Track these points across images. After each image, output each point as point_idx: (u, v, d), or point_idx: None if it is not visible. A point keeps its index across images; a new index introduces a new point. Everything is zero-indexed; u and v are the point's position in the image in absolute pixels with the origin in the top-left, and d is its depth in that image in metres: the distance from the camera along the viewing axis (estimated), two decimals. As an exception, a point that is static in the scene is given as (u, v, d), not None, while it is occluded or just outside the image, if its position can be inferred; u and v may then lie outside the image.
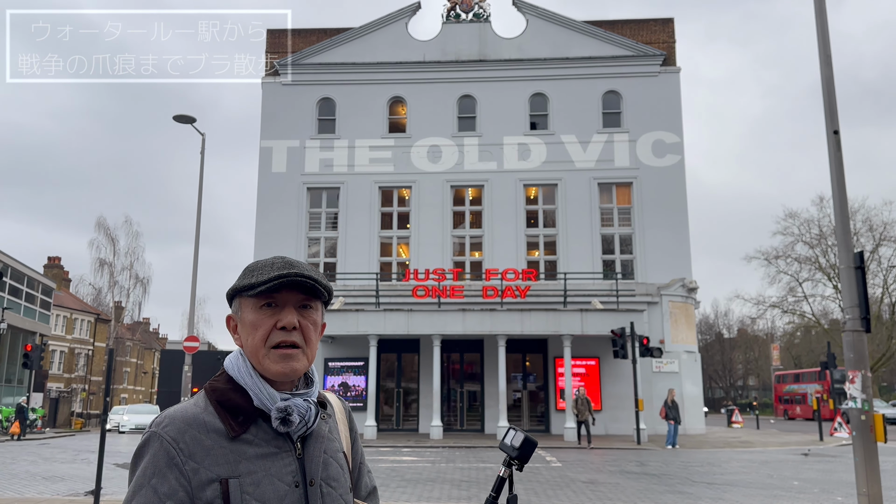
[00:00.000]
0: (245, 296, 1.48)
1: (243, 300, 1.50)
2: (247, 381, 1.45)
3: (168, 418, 1.41)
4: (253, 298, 1.47)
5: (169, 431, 1.38)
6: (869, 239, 41.94)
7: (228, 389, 1.46)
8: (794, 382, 53.96)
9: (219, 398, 1.45)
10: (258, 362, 1.46)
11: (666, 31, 31.48)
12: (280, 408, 1.42)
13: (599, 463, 16.97)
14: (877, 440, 8.35)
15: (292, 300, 1.47)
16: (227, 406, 1.43)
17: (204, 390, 1.49)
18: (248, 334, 1.47)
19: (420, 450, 20.56)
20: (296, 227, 30.03)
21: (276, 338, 1.45)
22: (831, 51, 9.35)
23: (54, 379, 52.59)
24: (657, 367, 26.99)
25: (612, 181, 30.03)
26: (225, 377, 1.49)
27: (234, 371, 1.48)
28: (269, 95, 31.46)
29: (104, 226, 49.64)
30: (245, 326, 1.49)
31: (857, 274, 8.60)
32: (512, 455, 1.66)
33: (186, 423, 1.39)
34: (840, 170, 9.01)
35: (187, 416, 1.41)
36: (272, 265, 1.48)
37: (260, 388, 1.44)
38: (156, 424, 1.41)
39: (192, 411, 1.42)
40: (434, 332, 24.88)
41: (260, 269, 1.48)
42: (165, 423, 1.40)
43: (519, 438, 1.66)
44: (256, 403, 1.44)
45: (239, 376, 1.46)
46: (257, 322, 1.46)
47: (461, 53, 31.30)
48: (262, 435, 1.42)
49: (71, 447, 23.29)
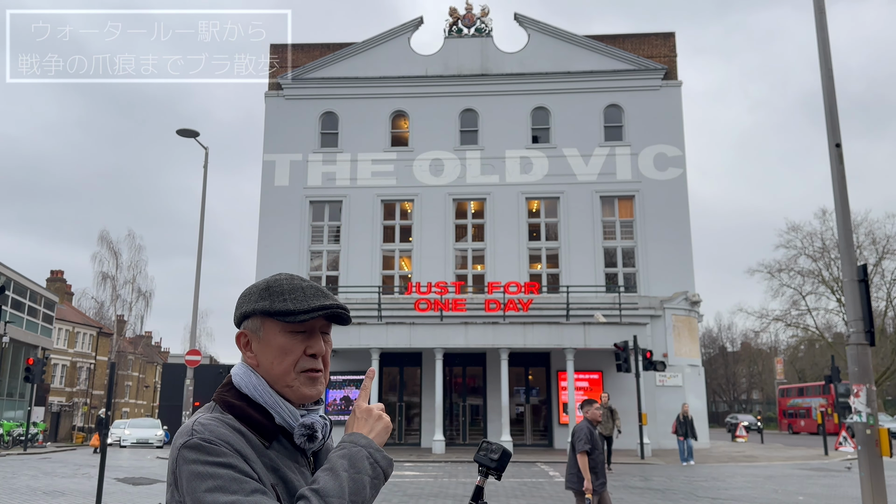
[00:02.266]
0: (276, 319, 1.46)
1: (268, 321, 1.47)
2: (267, 399, 1.44)
3: (206, 426, 1.35)
4: (283, 322, 1.45)
5: (219, 434, 1.33)
6: (872, 252, 41.85)
7: (245, 406, 1.44)
8: (799, 396, 53.66)
9: (239, 414, 1.42)
10: (284, 384, 1.45)
11: (667, 45, 31.63)
12: (306, 424, 1.44)
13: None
14: (882, 454, 8.29)
15: (318, 326, 1.49)
16: (249, 422, 1.41)
17: (218, 405, 1.45)
18: (275, 357, 1.46)
19: (422, 464, 20.44)
20: (298, 241, 30.07)
21: (306, 364, 1.47)
22: (832, 64, 9.38)
23: (56, 393, 52.50)
24: (660, 380, 26.87)
25: (614, 194, 30.06)
26: (236, 394, 1.46)
27: (251, 389, 1.45)
28: (272, 109, 31.61)
29: (107, 239, 49.75)
30: (270, 349, 1.46)
31: (861, 287, 8.58)
32: (490, 466, 1.73)
33: (229, 430, 1.36)
34: (842, 183, 9.01)
35: (226, 422, 1.38)
36: (303, 290, 1.47)
37: (281, 406, 1.44)
38: (198, 432, 1.34)
39: (223, 420, 1.38)
40: (436, 346, 24.83)
41: (293, 294, 1.46)
42: (211, 428, 1.34)
43: (498, 450, 1.74)
44: (278, 420, 1.44)
45: (257, 394, 1.44)
46: (288, 348, 1.45)
47: (463, 68, 31.46)
48: (282, 451, 1.44)
49: (72, 461, 23.20)
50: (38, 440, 34.08)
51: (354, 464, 1.39)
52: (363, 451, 1.42)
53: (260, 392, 1.44)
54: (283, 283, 1.48)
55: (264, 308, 1.46)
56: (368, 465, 1.41)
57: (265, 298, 1.47)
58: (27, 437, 29.78)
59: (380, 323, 25.68)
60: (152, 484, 15.59)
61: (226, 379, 1.53)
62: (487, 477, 1.73)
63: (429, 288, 26.94)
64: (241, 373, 1.49)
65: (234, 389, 1.47)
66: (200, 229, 22.55)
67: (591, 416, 7.65)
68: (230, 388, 1.48)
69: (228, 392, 1.47)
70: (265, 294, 1.47)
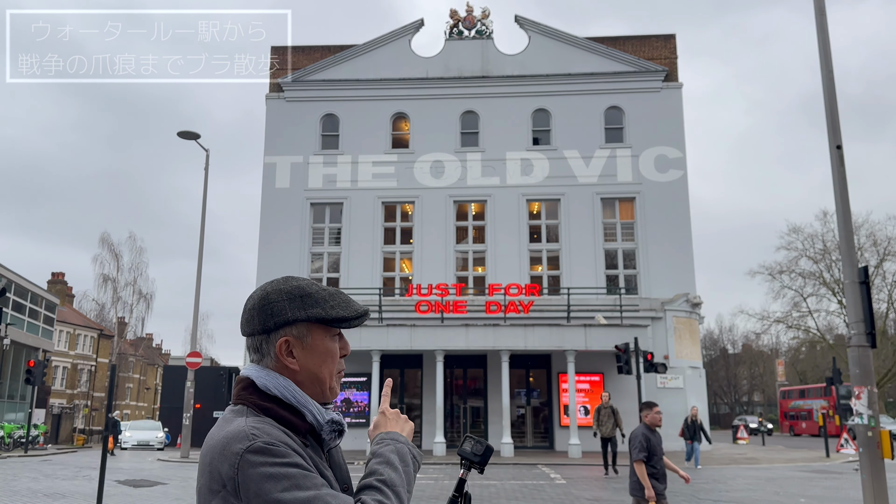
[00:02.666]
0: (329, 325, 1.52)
1: (316, 328, 1.51)
2: (300, 399, 1.47)
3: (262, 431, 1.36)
4: (327, 328, 1.52)
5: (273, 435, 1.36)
6: (873, 254, 41.83)
7: (276, 407, 1.45)
8: (800, 398, 53.61)
9: (274, 416, 1.44)
10: (328, 387, 1.53)
11: (668, 47, 31.65)
12: (336, 420, 1.50)
13: (604, 480, 16.83)
14: (884, 457, 8.28)
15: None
16: (287, 424, 1.44)
17: (249, 407, 1.45)
18: (321, 361, 1.52)
19: (423, 466, 20.41)
20: (299, 243, 30.08)
21: (340, 366, 1.56)
22: (833, 66, 9.38)
23: (57, 395, 52.51)
24: (662, 382, 26.85)
25: (614, 196, 30.06)
26: (263, 395, 1.47)
27: (280, 390, 1.47)
28: (273, 111, 31.64)
29: (108, 241, 49.82)
30: (316, 354, 1.51)
31: (862, 289, 8.57)
32: (474, 460, 1.75)
33: (279, 431, 1.39)
34: (843, 185, 9.01)
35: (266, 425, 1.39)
36: (340, 295, 1.55)
37: (313, 404, 1.49)
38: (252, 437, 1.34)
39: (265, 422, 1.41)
40: (437, 348, 24.82)
41: (333, 299, 1.53)
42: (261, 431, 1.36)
43: (480, 445, 1.76)
44: (309, 419, 1.47)
45: (288, 395, 1.47)
46: (334, 352, 1.54)
47: (464, 70, 31.49)
48: (313, 449, 1.47)
49: (73, 464, 23.19)
50: (39, 442, 34.08)
51: (404, 458, 1.52)
52: (406, 447, 1.55)
53: (291, 392, 1.47)
54: (318, 290, 1.54)
55: (318, 315, 1.50)
56: (411, 459, 1.54)
57: (313, 305, 1.50)
58: (28, 439, 29.78)
59: (381, 325, 25.68)
60: (153, 486, 15.58)
61: (240, 382, 1.52)
62: (470, 470, 1.76)
63: (429, 290, 26.93)
64: (266, 375, 1.49)
65: (258, 392, 1.47)
66: (201, 232, 22.56)
67: (651, 420, 7.32)
68: (254, 391, 1.48)
69: (254, 395, 1.47)
70: (310, 301, 1.51)
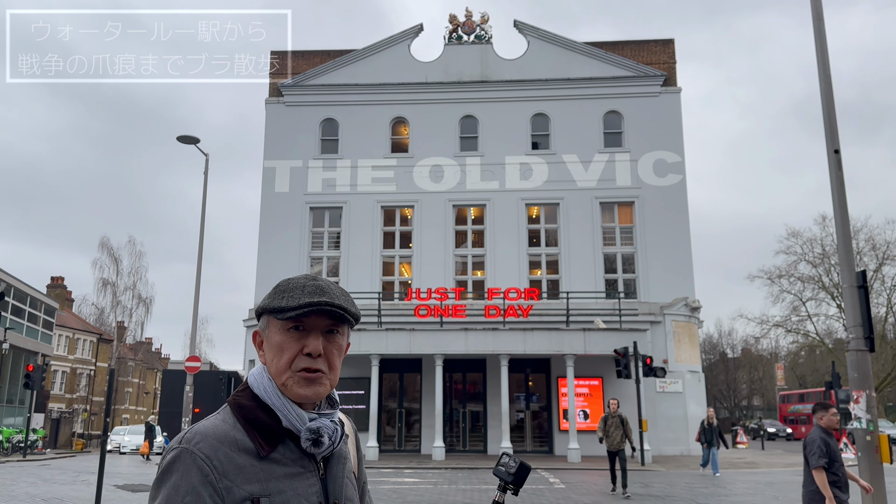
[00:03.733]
0: (274, 316, 1.48)
1: (272, 319, 1.50)
2: (275, 401, 1.44)
3: (199, 434, 1.38)
4: (282, 321, 1.48)
5: (202, 448, 1.35)
6: (872, 258, 41.83)
7: (255, 407, 1.45)
8: (799, 402, 53.56)
9: (246, 416, 1.44)
10: (282, 384, 1.46)
11: (666, 51, 31.72)
12: (312, 428, 1.43)
13: (603, 484, 16.81)
14: (882, 461, 8.28)
15: (320, 325, 1.48)
16: (256, 425, 1.43)
17: (229, 406, 1.48)
18: (274, 356, 1.48)
19: (422, 471, 20.41)
20: (298, 247, 30.10)
21: (301, 363, 1.46)
22: (830, 71, 9.40)
23: (56, 399, 52.44)
24: (661, 387, 26.84)
25: (613, 200, 30.09)
26: (249, 394, 1.48)
27: (261, 390, 1.47)
28: (272, 116, 31.68)
29: (108, 245, 49.78)
30: (271, 347, 1.49)
31: (860, 293, 8.58)
32: (507, 480, 1.69)
33: (219, 441, 1.37)
34: (841, 189, 9.03)
35: (218, 432, 1.39)
36: (303, 288, 1.48)
37: (289, 408, 1.44)
38: (185, 441, 1.37)
39: (221, 428, 1.40)
40: (436, 352, 24.80)
41: (291, 291, 1.48)
42: (197, 440, 1.37)
43: (513, 464, 1.70)
44: (285, 424, 1.43)
45: (266, 396, 1.46)
46: (284, 345, 1.47)
47: (463, 74, 31.54)
48: (289, 454, 1.43)
49: (71, 468, 23.15)
50: (38, 447, 34.00)
51: None
52: None
53: (269, 393, 1.45)
54: (290, 283, 1.51)
55: (264, 306, 1.50)
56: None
57: (270, 297, 1.50)
58: (27, 443, 29.73)
59: (380, 329, 25.67)
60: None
61: (244, 381, 1.54)
62: (506, 492, 1.71)
63: (429, 294, 26.93)
64: (257, 374, 1.51)
65: (248, 390, 1.49)
66: (201, 236, 22.54)
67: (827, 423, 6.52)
68: (245, 389, 1.50)
69: (242, 393, 1.49)
70: (272, 293, 1.51)
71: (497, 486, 1.74)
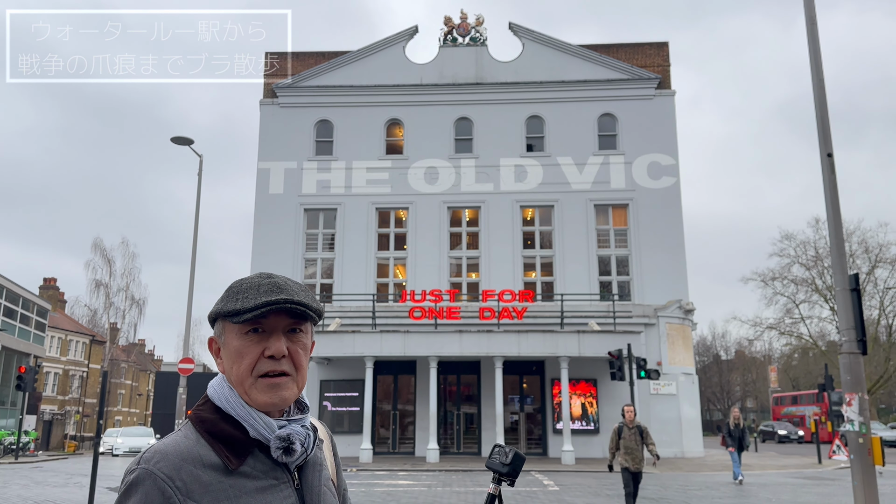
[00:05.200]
0: (229, 320, 1.37)
1: (227, 324, 1.39)
2: (239, 412, 1.35)
3: (159, 454, 1.28)
4: (238, 324, 1.36)
5: (163, 468, 1.25)
6: (865, 261, 41.99)
7: (218, 419, 1.35)
8: (792, 404, 53.76)
9: (210, 430, 1.34)
10: (244, 392, 1.36)
11: (661, 54, 31.81)
12: (282, 436, 1.34)
13: (597, 486, 16.82)
14: (875, 463, 8.30)
15: (281, 325, 1.37)
16: (221, 438, 1.33)
17: (190, 421, 1.37)
18: (233, 362, 1.37)
19: (416, 473, 20.38)
20: (292, 249, 30.04)
21: (263, 367, 1.35)
22: (824, 75, 9.44)
23: (48, 401, 52.16)
24: (655, 389, 26.88)
25: (608, 203, 30.14)
26: (211, 406, 1.38)
27: (222, 401, 1.37)
28: (267, 117, 31.62)
29: (100, 247, 49.60)
30: (229, 353, 1.38)
31: (853, 296, 8.61)
32: (502, 471, 1.65)
33: (181, 459, 1.27)
34: (834, 192, 9.06)
35: (180, 449, 1.29)
36: (258, 287, 1.37)
37: (255, 417, 1.34)
38: (145, 461, 1.27)
39: (184, 444, 1.30)
40: (431, 354, 24.78)
41: (245, 292, 1.36)
42: (157, 459, 1.27)
43: (510, 454, 1.67)
44: (253, 434, 1.34)
45: (229, 407, 1.36)
46: (243, 350, 1.36)
47: (458, 76, 31.56)
48: (259, 466, 1.33)
49: (64, 470, 23.03)
50: (30, 449, 33.82)
51: None
52: None
53: (232, 404, 1.35)
54: (243, 283, 1.40)
55: (219, 310, 1.39)
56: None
57: (223, 300, 1.40)
58: (18, 445, 29.55)
59: (374, 331, 25.64)
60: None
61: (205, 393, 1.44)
62: (500, 484, 1.68)
63: (423, 296, 26.93)
64: (216, 384, 1.40)
65: (209, 402, 1.39)
66: (195, 237, 22.47)
67: None
68: (206, 402, 1.40)
69: (203, 406, 1.39)
70: (224, 295, 1.40)
71: (491, 478, 1.70)
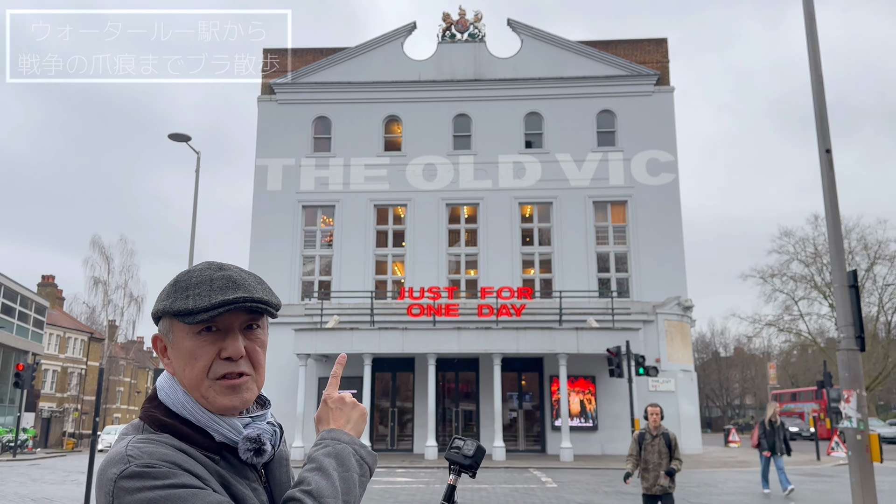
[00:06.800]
0: (180, 320, 1.25)
1: (175, 322, 1.27)
2: (199, 418, 1.24)
3: (147, 453, 1.15)
4: (186, 325, 1.25)
5: (160, 457, 1.14)
6: (864, 257, 42.00)
7: (178, 424, 1.23)
8: (791, 401, 53.80)
9: (176, 434, 1.22)
10: (200, 395, 1.25)
11: (659, 51, 31.75)
12: (252, 437, 1.25)
13: (595, 484, 16.82)
14: (873, 460, 8.29)
15: (237, 322, 1.27)
16: (188, 442, 1.22)
17: (147, 424, 1.25)
18: (186, 364, 1.26)
19: (414, 470, 20.37)
20: (290, 245, 29.99)
21: (220, 368, 1.25)
22: (822, 71, 9.40)
23: (46, 398, 52.14)
24: (653, 385, 26.86)
25: (606, 199, 30.10)
26: (165, 410, 1.26)
27: (178, 406, 1.25)
28: (265, 114, 31.55)
29: (99, 244, 49.49)
30: (180, 354, 1.27)
31: (852, 293, 8.59)
32: (465, 463, 1.65)
33: (170, 449, 1.17)
34: (833, 189, 9.04)
35: (162, 444, 1.18)
36: (210, 283, 1.25)
37: (218, 423, 1.25)
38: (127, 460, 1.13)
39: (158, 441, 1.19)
40: (429, 351, 24.76)
41: (196, 288, 1.25)
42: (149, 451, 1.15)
43: (471, 447, 1.66)
44: (219, 438, 1.25)
45: (186, 412, 1.25)
46: (196, 351, 1.25)
47: (456, 73, 31.49)
48: (228, 467, 1.25)
49: (61, 468, 23.02)
50: (28, 446, 33.83)
51: (342, 461, 1.28)
52: (348, 448, 1.31)
53: (189, 410, 1.24)
54: (191, 277, 1.28)
55: (166, 308, 1.27)
56: (355, 461, 1.30)
57: (170, 296, 1.27)
58: (16, 443, 29.55)
59: (372, 328, 25.62)
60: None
61: (151, 391, 1.31)
62: (460, 475, 1.67)
63: (421, 293, 26.90)
64: (166, 387, 1.28)
65: (161, 405, 1.27)
66: (192, 234, 22.43)
67: None
68: (158, 404, 1.28)
69: (157, 408, 1.27)
70: (171, 290, 1.28)
71: (452, 470, 1.69)
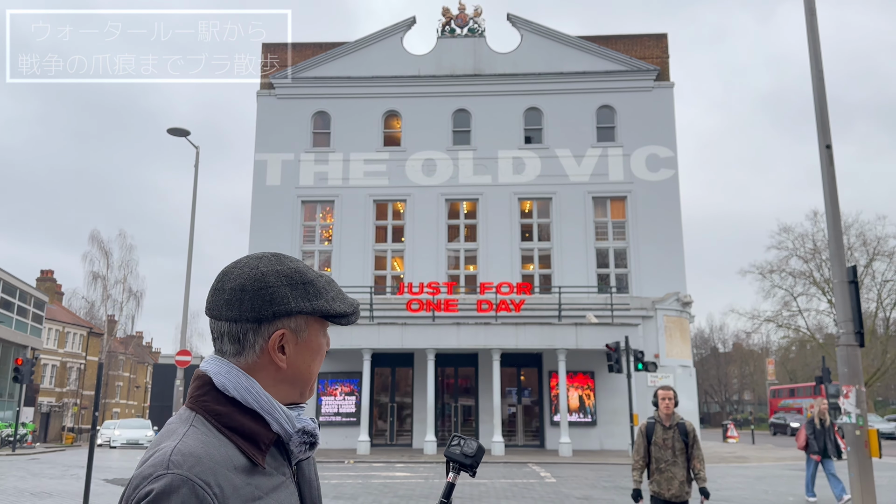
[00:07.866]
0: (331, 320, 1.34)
1: (313, 322, 1.31)
2: (263, 404, 1.24)
3: (192, 457, 1.15)
4: (324, 322, 1.34)
5: (199, 473, 1.13)
6: (863, 253, 42.06)
7: (234, 412, 1.23)
8: (790, 397, 53.92)
9: (229, 424, 1.22)
10: (306, 388, 1.33)
11: (659, 46, 31.69)
12: (308, 430, 1.27)
13: (594, 479, 16.85)
14: (872, 455, 8.30)
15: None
16: (243, 433, 1.22)
17: (202, 415, 1.24)
18: (312, 359, 1.32)
19: (413, 465, 20.40)
20: (290, 241, 29.97)
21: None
22: (823, 66, 9.38)
23: (45, 393, 52.19)
24: (652, 381, 26.86)
25: (606, 195, 30.08)
26: (219, 397, 1.25)
27: (241, 392, 1.24)
28: (264, 109, 31.49)
29: (98, 239, 49.47)
30: (309, 350, 1.32)
31: (851, 288, 8.59)
32: (465, 462, 1.65)
33: (214, 462, 1.16)
34: (833, 184, 9.03)
35: (211, 451, 1.17)
36: (331, 284, 1.35)
37: (279, 410, 1.26)
38: (176, 465, 1.13)
39: (213, 444, 1.19)
40: (428, 346, 24.78)
41: (330, 290, 1.33)
42: (192, 464, 1.14)
43: (472, 446, 1.66)
44: (275, 428, 1.25)
45: (251, 398, 1.24)
46: (324, 348, 1.35)
47: (456, 68, 31.43)
48: (272, 463, 1.25)
49: (61, 462, 23.04)
50: (27, 441, 33.85)
51: None
52: None
53: (254, 395, 1.24)
54: (317, 278, 1.33)
55: (322, 309, 1.30)
56: None
57: (317, 296, 1.30)
58: (16, 437, 29.56)
59: (371, 323, 25.62)
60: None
61: (197, 379, 1.28)
62: (459, 473, 1.66)
63: (421, 288, 26.89)
64: (226, 372, 1.26)
65: (214, 392, 1.25)
66: (191, 230, 22.43)
67: None
68: (209, 391, 1.25)
69: (208, 396, 1.25)
70: (313, 291, 1.30)
71: (451, 468, 1.68)
